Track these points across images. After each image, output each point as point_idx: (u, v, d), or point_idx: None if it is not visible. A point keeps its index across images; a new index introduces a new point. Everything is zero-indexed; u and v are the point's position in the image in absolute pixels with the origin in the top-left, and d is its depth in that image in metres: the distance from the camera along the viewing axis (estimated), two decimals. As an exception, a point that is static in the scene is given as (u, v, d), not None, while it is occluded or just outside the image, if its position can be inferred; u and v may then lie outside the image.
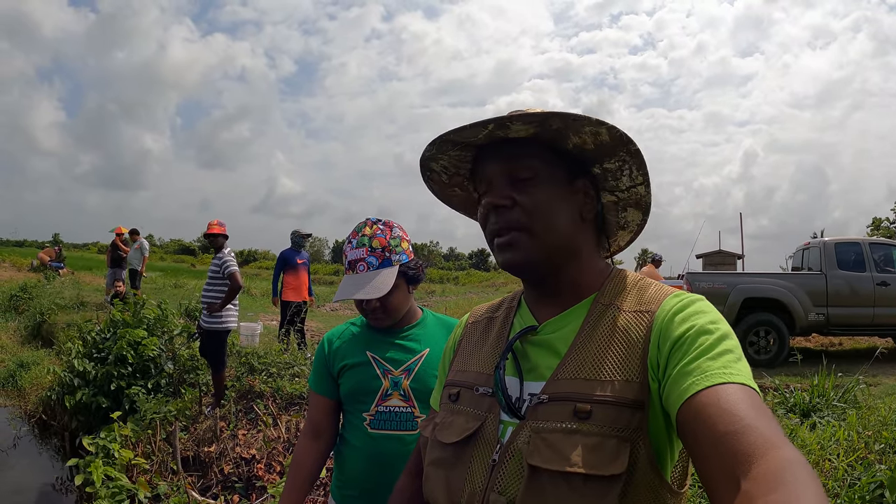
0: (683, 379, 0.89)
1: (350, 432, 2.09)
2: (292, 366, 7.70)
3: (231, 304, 6.96)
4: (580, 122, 1.04)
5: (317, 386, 2.14)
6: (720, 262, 25.58)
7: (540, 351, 1.10)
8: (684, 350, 0.93)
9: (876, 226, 30.52)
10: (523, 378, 1.09)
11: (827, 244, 11.15)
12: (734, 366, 0.88)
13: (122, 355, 7.74)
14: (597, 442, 0.93)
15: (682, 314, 0.99)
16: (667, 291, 1.08)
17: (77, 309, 14.34)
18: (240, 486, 5.54)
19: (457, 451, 1.09)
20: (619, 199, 1.22)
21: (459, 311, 18.25)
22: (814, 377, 6.35)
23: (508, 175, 1.10)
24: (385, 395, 2.03)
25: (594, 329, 1.05)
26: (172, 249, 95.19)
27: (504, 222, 1.08)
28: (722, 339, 0.93)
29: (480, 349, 1.23)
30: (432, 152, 1.15)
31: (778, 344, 10.43)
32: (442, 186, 1.27)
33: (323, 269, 62.43)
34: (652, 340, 0.99)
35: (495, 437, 1.06)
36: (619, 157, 1.14)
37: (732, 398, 0.82)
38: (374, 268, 1.96)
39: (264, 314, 15.70)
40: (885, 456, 4.13)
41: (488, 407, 1.10)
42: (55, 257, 24.28)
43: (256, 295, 22.43)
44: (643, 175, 1.17)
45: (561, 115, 1.03)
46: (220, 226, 7.15)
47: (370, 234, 2.01)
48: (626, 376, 0.97)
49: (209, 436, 6.44)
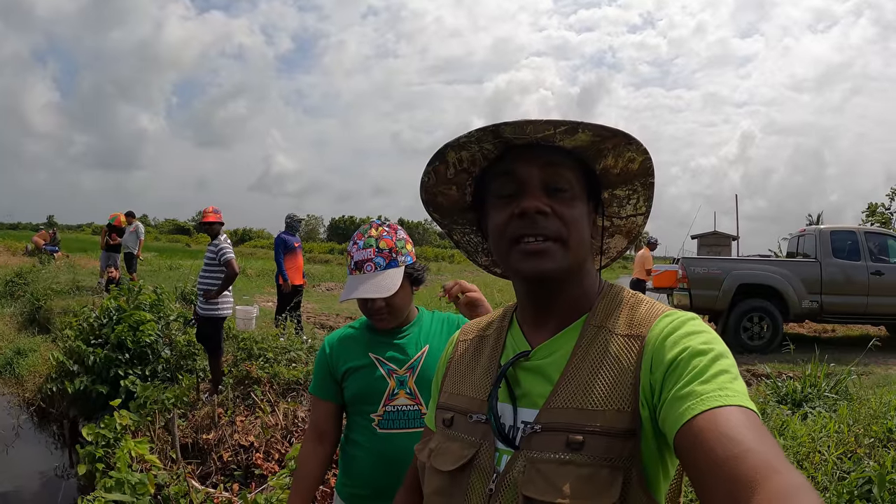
0: (679, 403, 0.87)
1: (357, 433, 2.10)
2: (289, 351, 7.71)
3: (226, 291, 6.98)
4: (630, 146, 1.07)
5: (319, 391, 2.15)
6: (715, 243, 25.52)
7: (532, 377, 1.08)
8: (678, 374, 0.91)
9: (871, 211, 30.46)
10: (516, 405, 1.08)
11: (822, 232, 11.20)
12: (730, 387, 0.86)
13: (122, 340, 7.76)
14: (590, 472, 0.93)
15: (674, 336, 0.97)
16: (657, 311, 1.06)
17: (73, 294, 14.25)
18: (239, 474, 5.58)
19: (454, 480, 1.09)
20: (612, 226, 1.24)
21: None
22: (806, 365, 6.39)
23: (544, 182, 1.07)
24: (392, 395, 2.05)
25: (585, 355, 1.04)
26: (167, 229, 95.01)
27: (541, 229, 1.04)
28: (716, 359, 0.91)
29: (472, 371, 1.21)
30: (471, 139, 1.08)
31: (771, 330, 10.50)
32: (440, 181, 1.20)
33: (318, 247, 62.36)
34: (643, 367, 0.98)
35: (491, 465, 1.05)
36: (632, 186, 1.16)
37: (730, 422, 0.80)
38: (381, 268, 1.98)
39: (260, 296, 15.66)
40: (874, 450, 4.15)
41: (483, 434, 1.09)
42: (50, 241, 24.15)
43: (252, 275, 22.32)
44: (647, 207, 1.19)
45: (625, 134, 1.05)
46: (216, 213, 7.14)
47: (376, 235, 2.02)
48: (617, 405, 0.96)
49: (207, 423, 6.47)
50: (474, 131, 1.06)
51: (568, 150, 1.09)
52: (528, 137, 1.05)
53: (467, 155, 1.13)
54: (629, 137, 1.05)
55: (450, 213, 1.28)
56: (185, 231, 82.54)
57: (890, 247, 11.08)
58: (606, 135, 1.04)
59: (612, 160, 1.11)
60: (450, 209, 1.27)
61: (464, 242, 1.35)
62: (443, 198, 1.24)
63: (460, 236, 1.33)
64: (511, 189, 1.09)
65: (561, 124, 1.01)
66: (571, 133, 1.03)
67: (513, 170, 1.09)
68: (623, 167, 1.12)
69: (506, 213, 1.08)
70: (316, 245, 66.85)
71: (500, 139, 1.07)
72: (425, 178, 1.19)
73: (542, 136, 1.04)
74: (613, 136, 1.05)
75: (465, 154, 1.13)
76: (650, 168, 1.12)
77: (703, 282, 10.90)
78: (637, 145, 1.07)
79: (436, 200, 1.25)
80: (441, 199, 1.24)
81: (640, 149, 1.08)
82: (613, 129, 1.03)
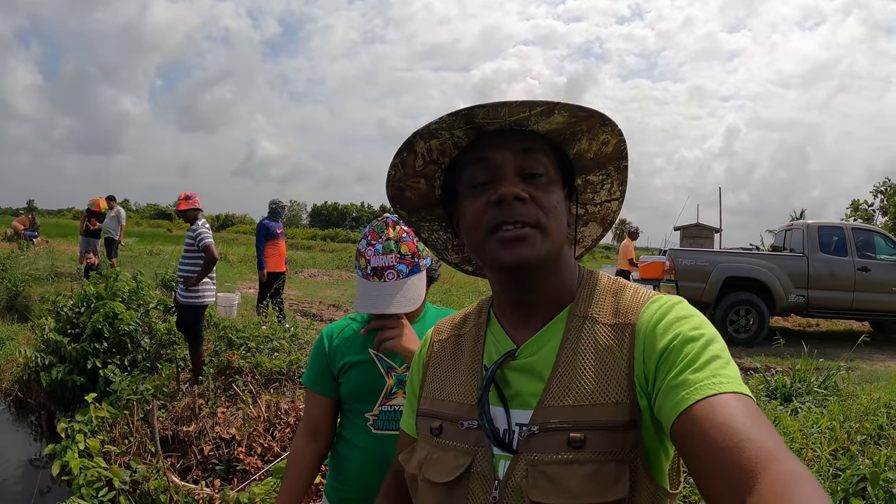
0: (674, 392, 0.86)
1: (350, 431, 2.01)
2: (271, 340, 7.58)
3: (208, 278, 6.85)
4: (605, 127, 1.05)
5: (315, 384, 2.03)
6: (697, 234, 25.71)
7: (521, 376, 1.05)
8: (671, 362, 0.90)
9: (855, 208, 30.78)
10: (508, 407, 1.04)
11: (810, 227, 11.27)
12: (723, 373, 0.85)
13: (98, 330, 7.60)
14: (596, 469, 0.91)
15: (664, 323, 0.96)
16: (643, 297, 1.04)
17: (52, 280, 14.08)
18: (220, 469, 5.46)
19: (451, 492, 1.04)
20: (586, 213, 1.21)
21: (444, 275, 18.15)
22: (792, 359, 6.40)
23: (519, 168, 1.03)
24: (389, 394, 1.96)
25: (574, 349, 1.01)
26: (148, 214, 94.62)
27: (519, 215, 1.00)
28: (707, 344, 0.90)
29: (454, 374, 1.16)
30: (442, 125, 1.03)
31: (757, 323, 10.59)
32: (408, 173, 1.14)
33: (301, 233, 62.35)
34: (636, 356, 0.96)
35: (490, 472, 1.01)
36: (605, 171, 1.14)
37: (727, 410, 0.79)
38: (403, 276, 1.82)
39: (242, 282, 15.52)
40: (866, 447, 4.15)
41: (476, 441, 1.05)
42: (29, 226, 23.80)
43: (234, 261, 22.20)
44: (622, 191, 1.17)
45: (600, 114, 1.02)
46: (187, 200, 6.99)
47: (395, 237, 1.85)
48: (616, 398, 0.95)
49: (188, 414, 6.34)
50: (445, 116, 1.01)
51: (542, 134, 1.06)
52: (502, 121, 1.02)
53: (437, 144, 1.08)
54: (605, 118, 1.03)
55: (418, 210, 1.23)
56: (167, 216, 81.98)
57: (877, 243, 11.16)
58: (582, 115, 1.02)
59: (586, 143, 1.08)
60: (418, 204, 1.21)
61: (432, 240, 1.30)
62: (411, 192, 1.18)
63: (428, 234, 1.28)
64: (485, 176, 1.05)
65: (536, 105, 0.98)
66: (547, 115, 1.01)
67: (486, 157, 1.05)
68: (597, 150, 1.10)
69: (481, 202, 1.04)
70: (299, 231, 66.83)
71: (471, 125, 1.03)
72: (392, 172, 1.13)
73: (516, 119, 1.01)
74: (589, 116, 1.02)
75: (434, 143, 1.08)
76: (624, 150, 1.10)
77: (691, 274, 10.93)
78: (612, 126, 1.05)
79: (403, 195, 1.19)
80: (409, 193, 1.18)
81: (615, 130, 1.05)
82: (589, 109, 1.01)
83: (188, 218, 6.99)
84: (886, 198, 30.03)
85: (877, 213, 30.22)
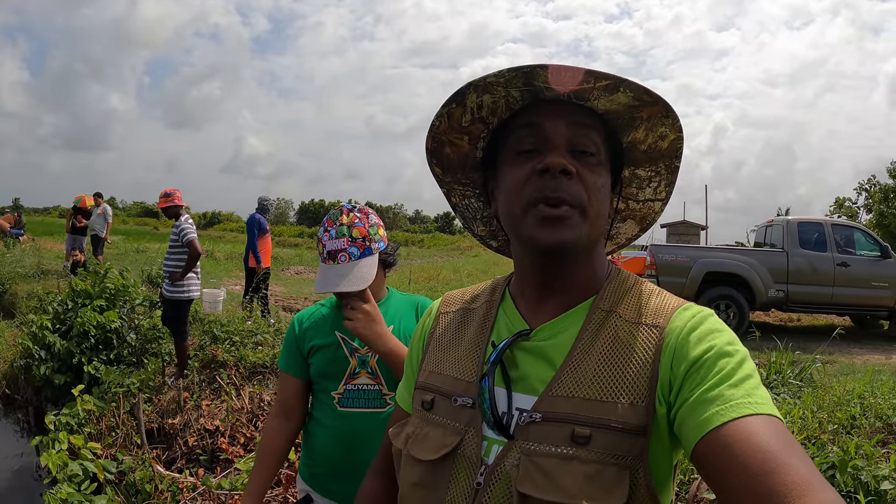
0: (704, 408, 0.82)
1: (319, 411, 2.12)
2: (255, 334, 7.64)
3: (193, 273, 6.89)
4: (666, 120, 1.00)
5: (287, 366, 2.15)
6: (684, 232, 25.90)
7: (531, 359, 0.99)
8: (703, 374, 0.86)
9: (839, 205, 31.07)
10: (511, 389, 0.98)
11: (790, 223, 11.35)
12: (757, 393, 0.82)
13: (85, 329, 7.63)
14: (596, 470, 0.86)
15: (698, 332, 0.91)
16: (674, 303, 0.99)
17: (38, 278, 14.01)
18: (204, 459, 5.54)
19: (435, 470, 0.99)
20: (627, 208, 1.16)
21: (424, 273, 18.21)
22: (771, 353, 6.47)
23: (570, 142, 0.98)
24: (353, 374, 2.06)
25: (594, 340, 0.96)
26: (135, 212, 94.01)
27: (563, 191, 0.94)
28: (742, 362, 0.86)
29: (456, 348, 1.11)
30: (500, 80, 0.96)
31: (738, 318, 10.61)
32: (452, 127, 1.07)
33: (288, 230, 62.13)
34: (663, 361, 0.91)
35: (478, 456, 0.96)
36: (655, 167, 1.09)
37: (763, 433, 0.77)
38: (355, 258, 1.92)
39: (228, 279, 15.55)
40: (837, 436, 4.21)
41: (468, 420, 1.00)
42: (15, 224, 23.63)
43: (220, 258, 22.14)
44: (668, 193, 1.12)
45: (665, 103, 0.96)
46: (167, 197, 7.02)
47: (348, 222, 1.95)
48: (632, 399, 0.89)
49: (173, 407, 6.40)
50: (504, 70, 0.94)
51: (599, 113, 1.00)
52: (562, 89, 0.95)
53: (489, 100, 1.01)
54: (668, 108, 0.97)
55: (454, 170, 1.15)
56: (154, 214, 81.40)
57: (856, 239, 11.25)
58: (648, 100, 0.96)
59: (642, 133, 1.03)
60: (455, 163, 1.14)
61: (462, 206, 1.22)
62: (451, 148, 1.11)
63: (459, 199, 1.20)
64: (533, 144, 0.99)
65: (602, 77, 0.92)
66: (611, 91, 0.95)
67: (538, 122, 0.99)
68: (651, 143, 1.04)
69: (525, 170, 0.98)
70: (285, 228, 66.54)
71: (529, 87, 0.97)
72: (436, 122, 1.05)
73: (577, 90, 0.95)
74: (654, 102, 0.96)
75: (487, 99, 1.01)
76: (680, 149, 1.04)
77: (671, 269, 10.98)
78: (674, 120, 0.99)
79: (442, 150, 1.11)
80: (449, 149, 1.11)
81: (676, 125, 1.00)
82: (655, 95, 0.95)
83: (170, 214, 7.03)
84: (870, 195, 30.28)
85: (861, 210, 30.48)
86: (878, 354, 9.49)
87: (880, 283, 10.72)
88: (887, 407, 4.70)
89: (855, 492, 3.34)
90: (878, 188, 29.18)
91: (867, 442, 3.75)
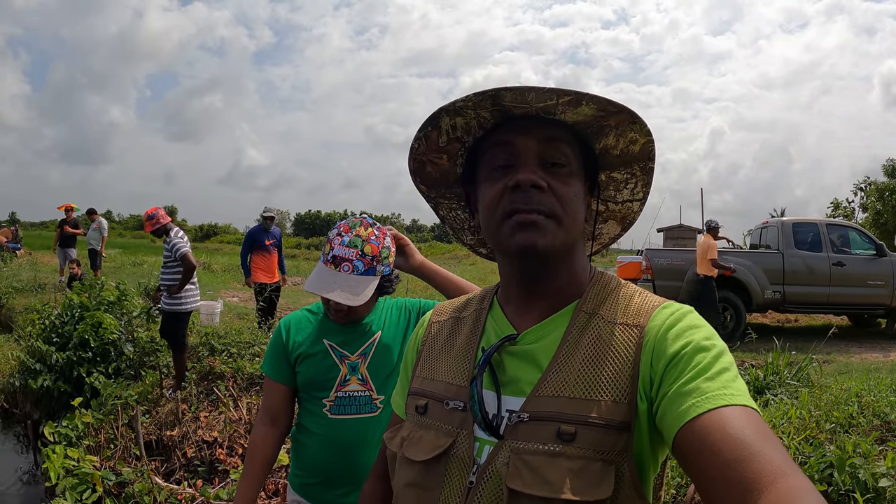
0: (682, 400, 0.85)
1: (308, 419, 2.10)
2: (252, 345, 7.63)
3: (190, 285, 6.87)
4: (634, 125, 1.03)
5: (273, 373, 2.12)
6: (680, 235, 25.91)
7: (519, 363, 1.03)
8: (680, 368, 0.89)
9: (836, 206, 31.19)
10: (500, 392, 1.02)
11: (785, 224, 11.38)
12: (733, 385, 0.85)
13: (84, 339, 7.61)
14: (581, 466, 0.89)
15: (676, 329, 0.95)
16: (654, 302, 1.03)
17: (35, 291, 14.03)
18: (203, 470, 5.52)
19: (428, 471, 1.03)
20: (606, 210, 1.20)
21: (421, 282, 18.17)
22: (768, 354, 6.48)
23: (541, 155, 1.02)
24: (343, 381, 2.04)
25: (578, 341, 0.99)
26: (132, 225, 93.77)
27: (536, 203, 0.99)
28: (719, 356, 0.89)
29: (447, 355, 1.14)
30: (468, 104, 1.01)
31: (735, 320, 10.63)
32: (430, 148, 1.13)
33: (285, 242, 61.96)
34: (643, 358, 0.94)
35: (470, 456, 0.99)
36: (630, 170, 1.12)
37: (737, 422, 0.79)
38: (358, 272, 1.90)
39: (225, 291, 15.52)
40: (835, 436, 4.22)
41: (460, 422, 1.03)
42: (12, 238, 23.62)
43: (217, 271, 22.08)
44: (645, 193, 1.16)
45: (630, 111, 1.00)
46: (150, 220, 6.91)
47: (364, 236, 1.93)
48: (615, 396, 0.93)
49: (171, 419, 6.37)
50: (472, 95, 1.00)
51: (569, 124, 1.04)
52: (529, 107, 1.00)
53: (462, 122, 1.07)
54: (634, 115, 1.01)
55: (438, 186, 1.22)
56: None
57: (851, 238, 11.30)
58: (611, 110, 1.00)
59: (613, 139, 1.06)
60: (438, 181, 1.20)
61: (450, 218, 1.29)
62: (432, 167, 1.17)
63: (446, 211, 1.27)
64: (505, 160, 1.03)
65: (565, 94, 0.96)
66: (575, 105, 0.99)
67: (508, 141, 1.03)
68: (623, 148, 1.08)
69: (499, 186, 1.02)
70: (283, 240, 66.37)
71: (497, 107, 1.01)
72: (415, 145, 1.12)
73: (543, 107, 0.99)
74: (618, 111, 1.00)
75: (459, 121, 1.06)
76: (652, 152, 1.08)
77: (667, 273, 11.01)
78: (641, 125, 1.03)
79: (424, 170, 1.18)
80: (430, 168, 1.17)
81: (644, 130, 1.03)
82: (619, 105, 0.99)
83: (159, 234, 6.97)
84: (866, 195, 30.39)
85: (857, 210, 30.57)
86: (876, 353, 9.53)
87: (876, 281, 10.76)
88: (885, 404, 4.69)
89: (853, 490, 3.34)
90: (873, 186, 29.28)
91: (864, 440, 3.75)
